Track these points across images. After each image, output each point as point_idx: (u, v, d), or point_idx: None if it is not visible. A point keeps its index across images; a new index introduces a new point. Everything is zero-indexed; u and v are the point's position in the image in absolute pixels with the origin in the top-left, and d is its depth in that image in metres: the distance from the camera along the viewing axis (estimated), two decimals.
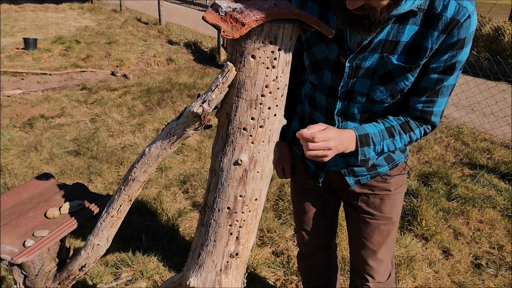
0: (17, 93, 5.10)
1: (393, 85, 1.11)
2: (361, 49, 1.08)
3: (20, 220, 1.36)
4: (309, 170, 1.41)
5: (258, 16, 0.82)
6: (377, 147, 1.14)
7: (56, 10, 11.91)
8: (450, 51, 1.03)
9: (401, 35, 1.04)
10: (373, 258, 1.44)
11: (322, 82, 1.20)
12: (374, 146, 1.14)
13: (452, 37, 1.01)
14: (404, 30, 1.03)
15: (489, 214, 2.85)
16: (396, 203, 1.38)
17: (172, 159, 3.50)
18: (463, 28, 1.00)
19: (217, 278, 1.08)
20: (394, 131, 1.16)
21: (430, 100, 1.13)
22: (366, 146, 1.13)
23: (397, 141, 1.16)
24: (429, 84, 1.10)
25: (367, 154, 1.14)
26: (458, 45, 1.02)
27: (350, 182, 1.33)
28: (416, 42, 1.04)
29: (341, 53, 1.12)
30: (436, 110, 1.15)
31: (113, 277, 2.24)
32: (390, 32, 1.04)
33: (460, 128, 4.33)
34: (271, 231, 2.60)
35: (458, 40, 1.01)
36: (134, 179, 1.10)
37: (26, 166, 3.34)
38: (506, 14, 9.24)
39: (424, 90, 1.12)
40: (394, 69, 1.08)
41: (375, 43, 1.06)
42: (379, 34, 1.04)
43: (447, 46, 1.03)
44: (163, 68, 6.66)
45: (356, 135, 1.12)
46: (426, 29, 1.02)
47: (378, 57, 1.08)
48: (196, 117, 0.94)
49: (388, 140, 1.15)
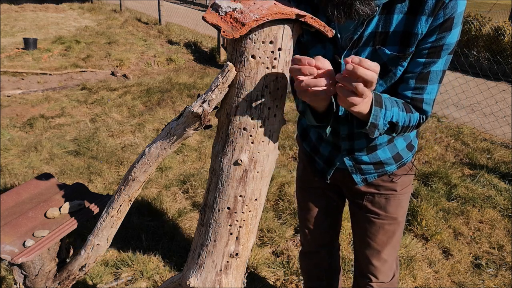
0: (17, 93, 5.10)
1: (392, 77, 1.10)
2: (353, 44, 1.07)
3: (20, 220, 1.36)
4: (317, 166, 1.41)
5: (258, 16, 0.82)
6: (387, 112, 1.06)
7: (56, 10, 11.91)
8: (437, 32, 1.01)
9: (390, 25, 1.03)
10: (377, 258, 1.44)
11: None
12: (385, 110, 1.05)
13: (438, 18, 0.99)
14: (391, 19, 1.02)
15: (489, 214, 2.85)
16: (402, 204, 1.37)
17: (172, 159, 3.50)
18: (449, 8, 0.98)
19: (217, 278, 1.08)
20: (398, 105, 1.10)
21: (419, 87, 1.10)
22: (379, 106, 1.04)
23: (400, 116, 1.09)
24: (416, 68, 1.07)
25: (378, 117, 1.04)
26: (444, 26, 1.00)
27: (357, 180, 1.33)
28: (406, 30, 1.03)
29: (336, 51, 1.12)
30: (426, 97, 1.11)
31: (113, 277, 2.24)
32: (379, 23, 1.04)
33: (460, 128, 4.33)
34: (271, 231, 2.60)
35: (445, 20, 0.99)
36: (134, 179, 1.10)
37: (26, 166, 3.34)
38: (506, 14, 9.25)
39: (411, 75, 1.09)
40: (389, 60, 1.07)
41: (366, 37, 1.06)
42: (368, 27, 1.04)
43: (434, 28, 1.01)
44: (163, 68, 6.66)
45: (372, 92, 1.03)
46: (413, 15, 1.01)
47: (371, 50, 1.07)
48: (196, 117, 0.94)
49: (396, 108, 1.08)
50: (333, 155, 1.33)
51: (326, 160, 1.36)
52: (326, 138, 1.33)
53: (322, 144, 1.35)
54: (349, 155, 1.29)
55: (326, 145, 1.34)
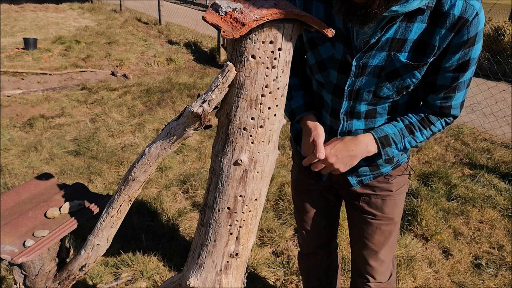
0: (17, 93, 5.10)
1: (400, 82, 1.11)
2: (369, 47, 1.07)
3: (20, 220, 1.36)
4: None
5: (258, 16, 0.82)
6: (399, 145, 1.19)
7: (56, 10, 11.91)
8: (462, 49, 1.04)
9: (409, 33, 1.04)
10: (374, 258, 1.44)
11: (329, 81, 1.20)
12: (396, 145, 1.19)
13: (462, 36, 1.02)
14: (412, 28, 1.03)
15: (489, 214, 2.85)
16: (397, 204, 1.38)
17: (172, 159, 3.50)
18: (473, 26, 1.00)
19: (217, 278, 1.08)
20: (413, 128, 1.19)
21: (447, 96, 1.15)
22: (388, 146, 1.18)
23: (417, 137, 1.20)
24: (445, 82, 1.12)
25: (390, 153, 1.20)
26: (469, 43, 1.03)
27: (353, 182, 1.33)
28: (423, 39, 1.04)
29: (348, 52, 1.12)
30: (454, 103, 1.17)
31: (113, 277, 2.24)
32: (398, 30, 1.04)
33: (460, 128, 4.33)
34: (271, 231, 2.60)
35: (469, 38, 1.02)
36: (134, 179, 1.10)
37: (26, 166, 3.34)
38: (506, 14, 9.24)
39: (441, 88, 1.14)
40: (401, 67, 1.08)
41: (383, 42, 1.06)
42: (387, 32, 1.04)
43: (458, 45, 1.03)
44: (163, 68, 6.66)
45: (375, 137, 1.16)
46: (433, 27, 1.02)
47: (386, 55, 1.08)
48: (196, 117, 0.94)
49: (408, 137, 1.19)
50: None
51: None
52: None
53: None
54: None
55: None
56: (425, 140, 1.22)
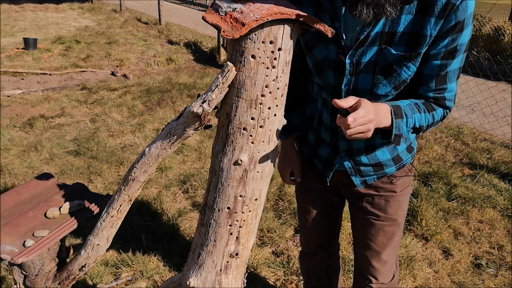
0: (17, 93, 5.10)
1: (396, 77, 1.11)
2: (359, 44, 1.07)
3: (20, 220, 1.36)
4: (316, 169, 1.41)
5: (258, 16, 0.82)
6: (409, 120, 1.10)
7: (56, 10, 11.91)
8: (450, 35, 1.02)
9: (397, 25, 1.04)
10: (377, 259, 1.44)
11: (327, 82, 1.20)
12: (406, 119, 1.09)
13: (449, 21, 1.00)
14: (399, 20, 1.03)
15: (489, 214, 2.85)
16: (401, 205, 1.37)
17: (172, 159, 3.50)
18: (460, 10, 0.99)
19: (217, 278, 1.08)
20: (419, 108, 1.13)
21: (439, 87, 1.13)
22: (400, 118, 1.08)
23: (422, 118, 1.13)
24: (433, 71, 1.09)
25: (400, 128, 1.09)
26: (457, 28, 1.01)
27: (357, 182, 1.32)
28: (415, 31, 1.03)
29: (340, 51, 1.12)
30: (448, 95, 1.15)
31: (113, 277, 2.24)
32: (386, 23, 1.04)
33: (460, 128, 4.33)
34: (271, 231, 2.60)
35: (457, 23, 1.00)
36: (134, 179, 1.10)
37: (26, 166, 3.34)
38: (506, 14, 9.24)
39: (429, 78, 1.11)
40: (394, 60, 1.08)
41: (372, 36, 1.06)
42: (375, 27, 1.04)
43: (446, 30, 1.02)
44: (163, 68, 6.66)
45: (390, 106, 1.08)
46: (422, 16, 1.01)
47: (377, 49, 1.08)
48: (196, 117, 0.94)
49: (417, 113, 1.12)
50: (332, 156, 1.33)
51: (325, 163, 1.35)
52: (324, 139, 1.33)
53: (321, 146, 1.35)
54: (348, 156, 1.29)
55: (325, 147, 1.34)
56: (427, 127, 1.16)
